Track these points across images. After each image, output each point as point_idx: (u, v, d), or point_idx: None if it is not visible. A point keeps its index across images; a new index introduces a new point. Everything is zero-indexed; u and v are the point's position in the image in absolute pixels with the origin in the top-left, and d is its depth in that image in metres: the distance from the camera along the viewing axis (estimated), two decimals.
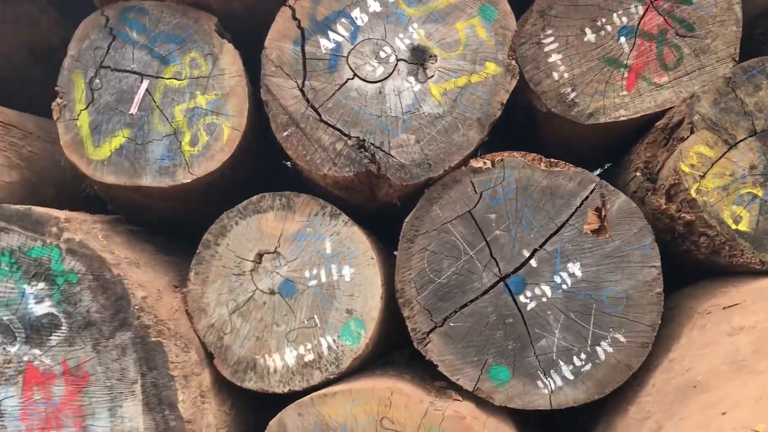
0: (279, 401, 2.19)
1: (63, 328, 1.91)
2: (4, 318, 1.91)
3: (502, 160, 2.11)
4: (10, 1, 2.54)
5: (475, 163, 2.11)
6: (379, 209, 2.34)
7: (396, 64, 2.12)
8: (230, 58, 2.18)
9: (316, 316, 2.12)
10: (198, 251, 2.18)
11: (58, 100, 2.15)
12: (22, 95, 2.84)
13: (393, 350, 2.63)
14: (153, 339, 1.89)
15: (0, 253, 1.92)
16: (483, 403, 2.10)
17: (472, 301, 2.10)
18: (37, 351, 1.91)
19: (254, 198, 2.19)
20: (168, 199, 2.26)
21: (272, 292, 2.14)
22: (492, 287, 2.09)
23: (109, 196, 2.33)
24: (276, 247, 2.16)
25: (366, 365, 2.32)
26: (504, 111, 2.13)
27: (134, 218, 2.44)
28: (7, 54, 2.75)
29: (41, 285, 1.91)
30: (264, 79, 2.12)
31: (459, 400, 2.06)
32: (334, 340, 2.11)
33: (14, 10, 2.58)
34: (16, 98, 2.77)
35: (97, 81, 2.15)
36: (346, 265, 2.13)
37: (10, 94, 2.78)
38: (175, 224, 2.55)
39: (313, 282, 2.13)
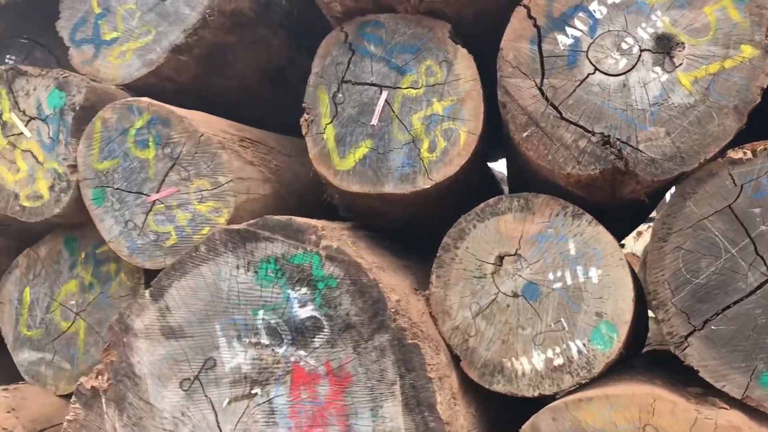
0: (519, 405, 2.18)
1: (325, 330, 2.01)
2: (272, 321, 2.05)
3: (765, 149, 1.95)
4: (250, 26, 2.74)
5: (734, 154, 1.97)
6: (620, 207, 2.26)
7: (640, 55, 2.03)
8: (465, 63, 2.20)
9: (563, 320, 2.08)
10: (438, 255, 2.21)
11: (306, 115, 2.28)
12: (255, 114, 3.05)
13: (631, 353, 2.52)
14: (410, 341, 1.94)
15: (266, 260, 2.06)
16: (752, 411, 1.94)
17: (736, 302, 1.95)
18: (302, 352, 2.02)
19: (491, 200, 2.19)
20: (406, 205, 2.32)
21: (515, 295, 2.13)
22: (759, 287, 1.93)
23: (349, 204, 2.44)
24: (516, 249, 2.14)
25: (609, 369, 2.24)
26: None
27: (369, 224, 2.54)
28: (243, 76, 2.96)
29: (304, 290, 2.03)
30: (501, 80, 2.11)
31: (726, 409, 1.92)
32: (584, 344, 2.05)
33: (252, 34, 2.78)
34: (252, 117, 2.98)
35: (340, 95, 2.26)
36: (592, 267, 2.07)
37: (245, 113, 2.99)
38: (407, 229, 2.62)
39: (558, 284, 2.09)
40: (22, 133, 2.54)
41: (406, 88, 2.23)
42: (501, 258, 2.15)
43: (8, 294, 2.76)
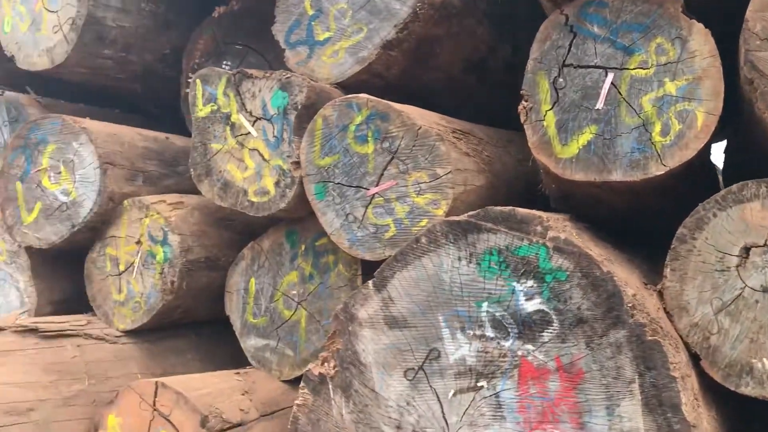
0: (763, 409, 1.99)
1: (554, 324, 1.94)
2: (497, 314, 2.01)
3: None
4: (457, 17, 2.73)
5: None
6: None
7: None
8: (701, 39, 2.03)
9: None
10: (672, 246, 2.07)
11: (524, 103, 2.22)
12: (456, 105, 3.03)
13: None
14: (650, 338, 1.82)
15: (488, 252, 2.03)
16: None
17: None
18: (529, 346, 1.97)
19: (734, 187, 2.01)
20: (632, 193, 2.20)
21: (765, 290, 1.94)
22: None
23: (567, 193, 2.35)
24: (766, 240, 1.95)
25: None
26: None
27: (585, 215, 2.43)
28: (448, 67, 2.96)
29: (530, 282, 1.97)
30: (747, 54, 1.93)
31: None
32: None
33: (459, 24, 2.77)
34: (453, 108, 2.96)
35: (561, 80, 2.17)
36: None
37: (447, 104, 2.98)
38: (626, 219, 2.48)
39: None
40: (249, 132, 2.71)
41: (634, 69, 2.09)
42: (747, 249, 1.97)
43: (235, 284, 2.96)
